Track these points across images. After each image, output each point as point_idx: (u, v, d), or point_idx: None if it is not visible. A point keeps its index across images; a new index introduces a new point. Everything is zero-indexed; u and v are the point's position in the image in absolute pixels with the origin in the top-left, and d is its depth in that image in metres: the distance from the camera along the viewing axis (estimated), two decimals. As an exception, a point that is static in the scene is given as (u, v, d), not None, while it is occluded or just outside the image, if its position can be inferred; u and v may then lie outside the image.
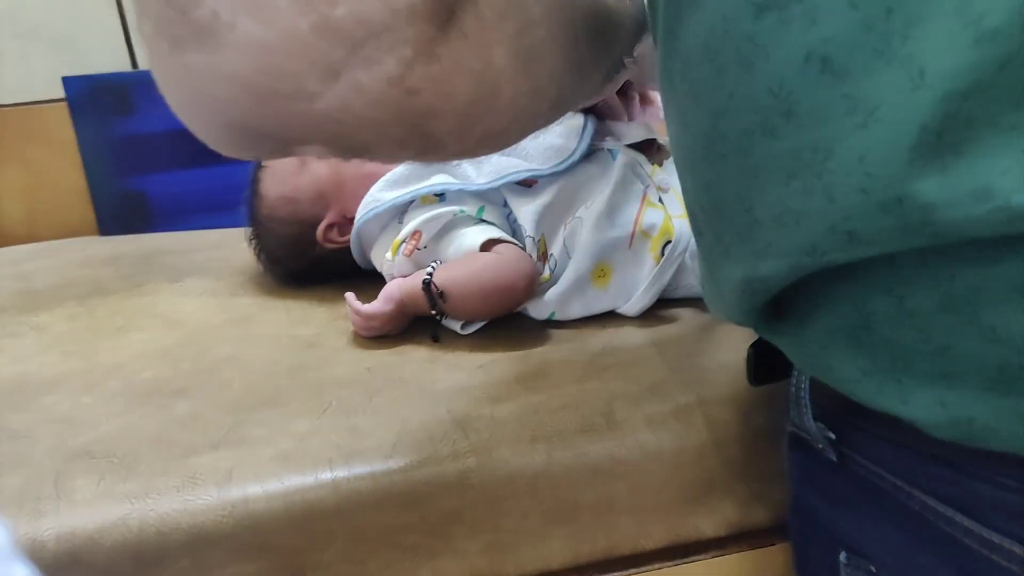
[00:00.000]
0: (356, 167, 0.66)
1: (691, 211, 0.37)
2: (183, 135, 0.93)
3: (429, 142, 0.30)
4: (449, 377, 0.54)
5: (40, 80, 0.88)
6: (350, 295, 0.60)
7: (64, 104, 0.88)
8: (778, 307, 0.36)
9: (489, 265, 0.57)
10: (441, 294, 0.57)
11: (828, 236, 0.28)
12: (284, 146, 0.29)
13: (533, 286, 0.57)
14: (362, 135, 0.28)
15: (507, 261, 0.57)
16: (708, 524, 0.50)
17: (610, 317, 0.61)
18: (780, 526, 0.50)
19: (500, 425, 0.48)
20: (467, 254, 0.58)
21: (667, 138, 0.65)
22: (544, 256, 0.61)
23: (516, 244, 0.59)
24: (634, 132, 0.66)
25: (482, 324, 0.59)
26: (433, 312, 0.58)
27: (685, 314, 0.60)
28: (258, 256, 0.72)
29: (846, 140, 0.26)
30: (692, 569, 0.50)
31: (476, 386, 0.53)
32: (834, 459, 0.39)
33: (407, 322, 0.60)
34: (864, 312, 0.31)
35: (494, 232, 0.59)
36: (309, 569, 0.45)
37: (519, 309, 0.61)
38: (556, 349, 0.57)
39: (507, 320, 0.60)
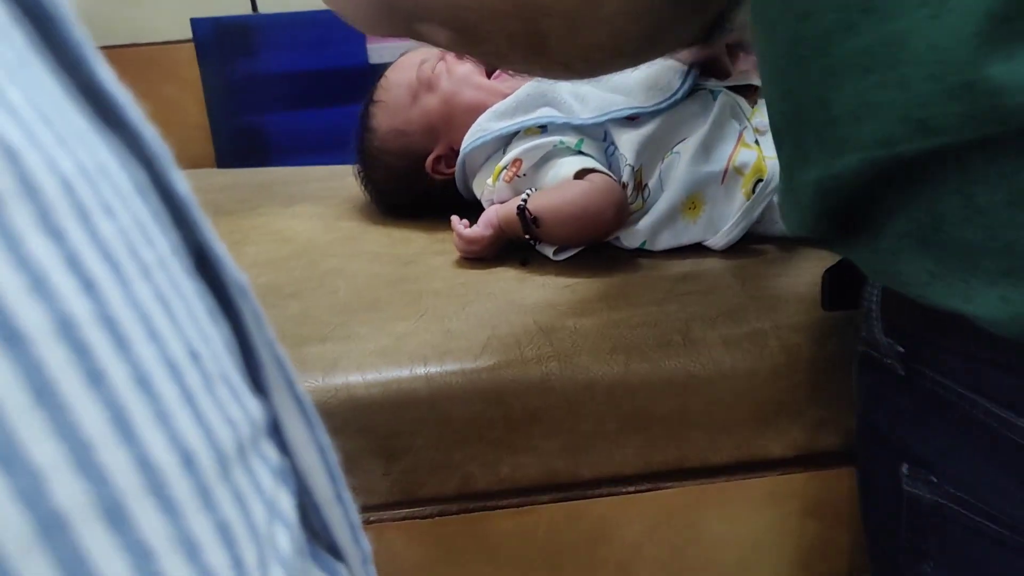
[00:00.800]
0: (465, 99, 0.69)
1: (774, 125, 0.39)
2: (300, 76, 0.99)
3: (536, 41, 0.33)
4: (536, 294, 0.58)
5: (171, 22, 0.95)
6: (455, 218, 0.64)
7: (191, 45, 0.95)
8: (851, 218, 0.38)
9: (580, 192, 0.60)
10: (535, 219, 0.60)
11: (901, 126, 0.30)
12: (410, 20, 0.32)
13: (622, 214, 0.60)
14: (481, 21, 0.31)
15: (598, 189, 0.60)
16: (776, 444, 0.52)
17: (695, 249, 0.63)
18: (845, 451, 0.52)
19: (582, 336, 0.52)
20: (561, 182, 0.61)
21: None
22: (639, 186, 0.64)
23: (609, 175, 0.62)
24: (735, 77, 0.68)
25: (574, 252, 0.62)
26: (527, 237, 0.61)
27: (768, 248, 0.62)
28: (365, 188, 0.76)
29: (919, 31, 0.28)
30: (758, 484, 0.52)
31: (562, 302, 0.56)
32: (902, 374, 0.41)
33: (503, 246, 0.64)
34: (934, 214, 0.33)
35: (589, 162, 0.62)
36: (401, 452, 0.50)
37: (612, 239, 0.64)
38: (639, 275, 0.60)
39: (597, 249, 0.63)
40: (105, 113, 0.17)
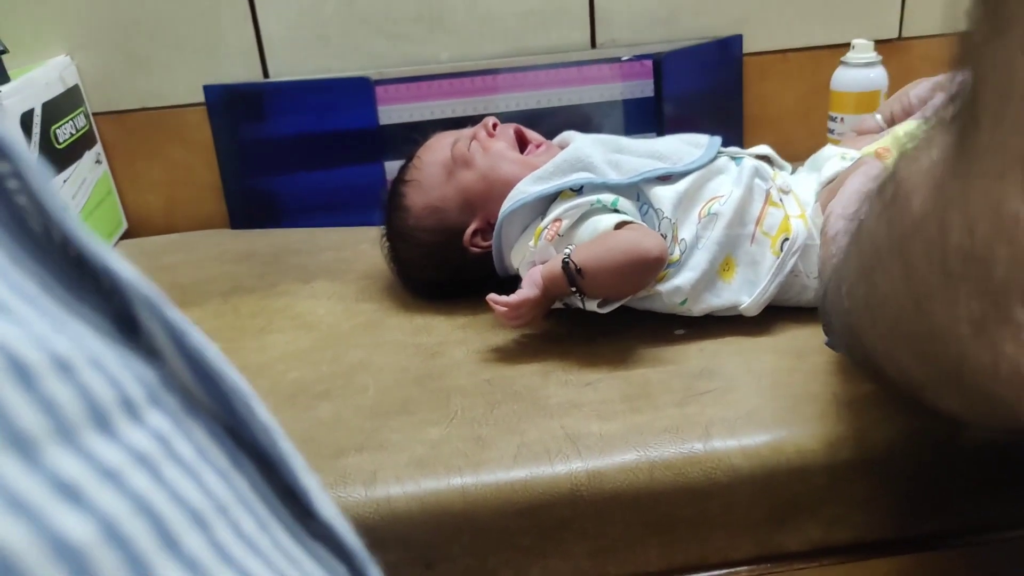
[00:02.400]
0: (503, 173, 0.72)
1: None
2: (309, 139, 1.01)
3: None
4: (560, 393, 0.60)
5: (182, 87, 0.96)
6: (492, 295, 0.66)
7: (203, 108, 0.96)
8: None
9: (622, 240, 0.63)
10: (579, 270, 0.63)
11: None
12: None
13: (663, 258, 0.63)
14: None
15: (639, 235, 0.64)
16: (792, 540, 0.55)
17: (709, 338, 0.66)
18: (858, 546, 0.55)
19: (607, 443, 0.54)
20: (602, 234, 0.64)
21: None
22: (675, 239, 0.67)
23: (646, 226, 0.66)
24: (754, 148, 0.75)
25: (618, 304, 0.65)
26: (573, 290, 0.64)
27: (781, 343, 0.65)
28: (394, 266, 0.78)
29: None
30: (778, 568, 0.55)
31: (585, 403, 0.59)
32: None
33: (548, 308, 0.67)
34: None
35: (626, 217, 0.66)
36: (438, 560, 0.52)
37: (651, 301, 0.66)
38: (658, 371, 0.62)
39: (613, 336, 0.66)
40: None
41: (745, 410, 0.56)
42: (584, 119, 0.99)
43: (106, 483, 0.13)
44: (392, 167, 0.94)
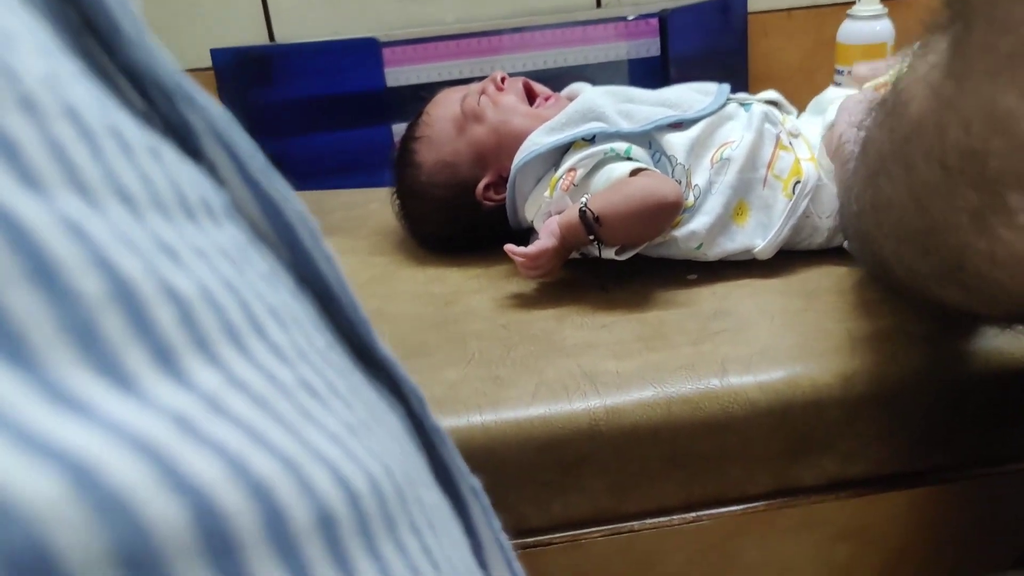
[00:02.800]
0: (515, 126, 0.72)
1: None
2: (317, 102, 1.01)
3: None
4: (577, 335, 0.61)
5: (190, 51, 0.97)
6: (509, 245, 0.66)
7: (211, 73, 0.97)
8: None
9: (638, 186, 0.64)
10: (596, 218, 0.63)
11: None
12: None
13: (680, 202, 0.64)
14: None
15: (654, 180, 0.64)
16: (808, 474, 0.56)
17: (721, 282, 0.66)
18: (872, 479, 0.56)
19: (625, 380, 0.55)
20: (616, 181, 0.65)
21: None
22: (689, 185, 0.67)
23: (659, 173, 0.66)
24: (762, 93, 0.75)
25: (636, 251, 0.65)
26: (591, 238, 0.64)
27: (793, 284, 0.65)
28: (405, 223, 0.78)
29: None
30: (792, 513, 0.56)
31: (601, 344, 0.59)
32: None
33: (566, 258, 0.67)
34: None
35: (640, 165, 0.66)
36: (460, 497, 0.53)
37: (667, 246, 0.67)
38: (671, 313, 0.63)
39: (627, 281, 0.67)
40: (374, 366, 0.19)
41: (760, 347, 0.57)
42: (590, 79, 0.99)
43: (199, 259, 0.14)
44: (399, 129, 0.94)
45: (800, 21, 1.04)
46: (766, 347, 0.57)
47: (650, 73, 1.00)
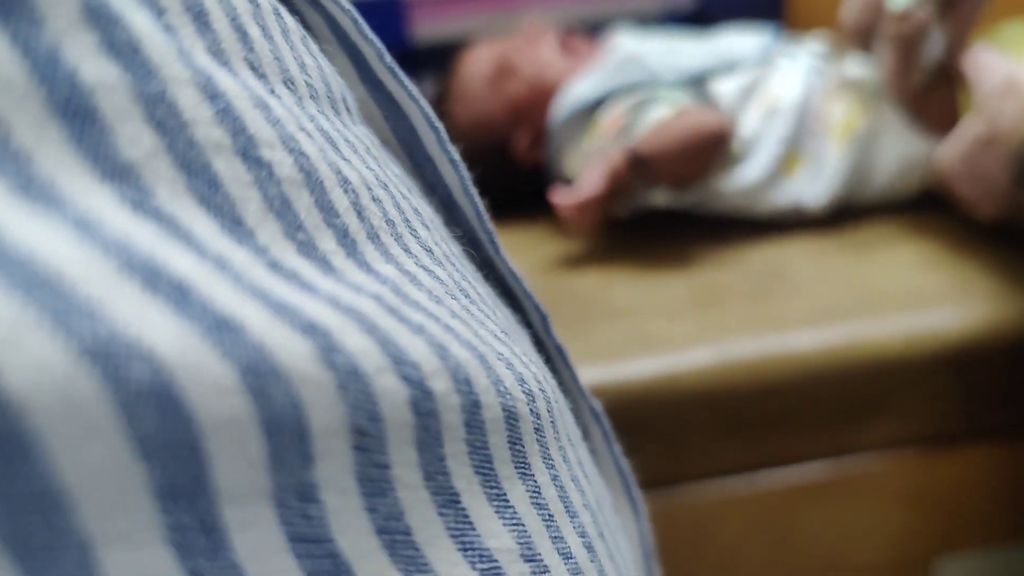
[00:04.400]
0: (552, 80, 0.69)
1: None
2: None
3: None
4: (625, 296, 0.59)
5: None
6: (557, 194, 0.63)
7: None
8: None
9: (684, 120, 0.62)
10: (642, 158, 0.61)
11: None
12: None
13: (727, 132, 0.62)
14: None
15: (700, 113, 0.62)
16: (866, 437, 0.54)
17: (774, 240, 0.64)
18: (933, 438, 0.54)
19: (679, 342, 0.53)
20: (661, 121, 0.62)
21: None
22: (736, 135, 0.65)
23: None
24: (810, 41, 0.72)
25: (687, 197, 0.63)
26: (641, 179, 0.62)
27: (848, 240, 0.63)
28: None
29: None
30: (849, 475, 0.55)
31: (652, 305, 0.57)
32: None
33: (611, 209, 0.64)
34: None
35: (686, 103, 0.64)
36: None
37: (718, 195, 0.65)
38: (724, 272, 0.61)
39: (674, 241, 0.64)
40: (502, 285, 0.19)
41: (817, 306, 0.55)
42: (624, 27, 0.96)
43: (353, 152, 0.14)
44: (428, 89, 0.92)
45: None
46: (824, 306, 0.55)
47: (685, 20, 0.97)
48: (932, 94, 0.63)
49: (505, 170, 0.72)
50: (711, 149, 0.62)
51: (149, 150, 0.09)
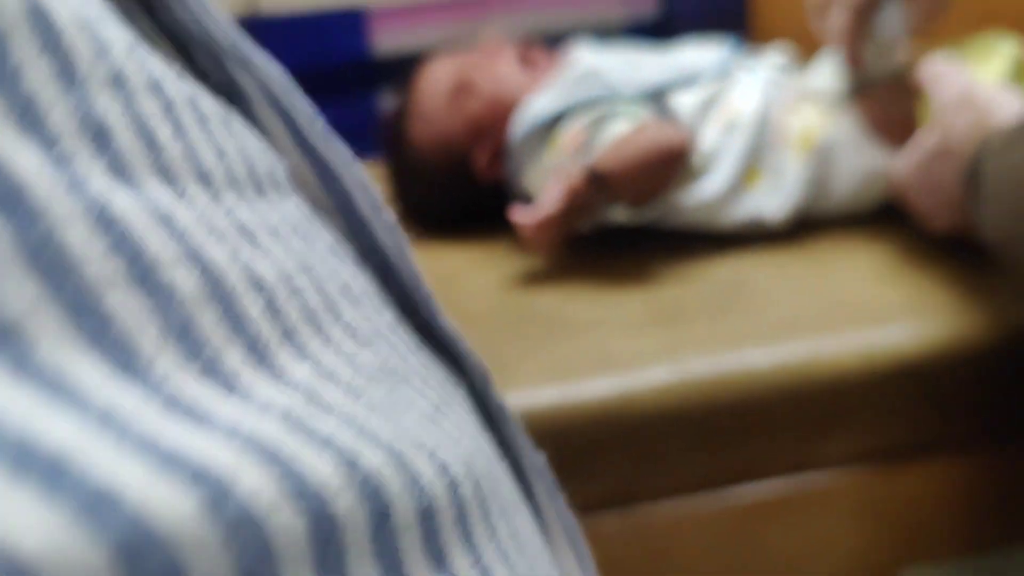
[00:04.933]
0: (511, 96, 0.68)
1: None
2: (299, 76, 0.97)
3: None
4: (586, 312, 0.58)
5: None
6: (516, 213, 0.62)
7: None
8: None
9: (643, 135, 0.62)
10: (602, 175, 0.61)
11: None
12: None
13: (686, 146, 0.62)
14: None
15: (659, 128, 0.62)
16: (827, 452, 0.54)
17: (736, 252, 0.64)
18: (892, 451, 0.55)
19: (639, 359, 0.53)
20: (620, 136, 0.62)
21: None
22: (696, 149, 0.65)
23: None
24: (769, 53, 0.72)
25: (647, 213, 0.63)
26: (600, 196, 0.62)
27: (808, 253, 0.63)
28: (402, 203, 0.75)
29: None
30: (811, 490, 0.55)
31: (613, 322, 0.57)
32: None
33: (572, 226, 0.63)
34: None
35: (646, 117, 0.63)
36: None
37: (678, 208, 0.64)
38: (685, 287, 0.60)
39: (636, 256, 0.64)
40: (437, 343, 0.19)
41: (777, 322, 0.55)
42: (586, 38, 0.96)
43: (274, 239, 0.13)
44: (388, 101, 0.91)
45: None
46: (784, 321, 0.55)
47: (648, 31, 0.97)
48: (890, 105, 0.63)
49: (465, 186, 0.71)
50: (670, 165, 0.62)
51: (32, 301, 0.09)
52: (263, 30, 0.92)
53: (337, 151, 0.17)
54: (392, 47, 0.93)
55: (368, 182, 0.17)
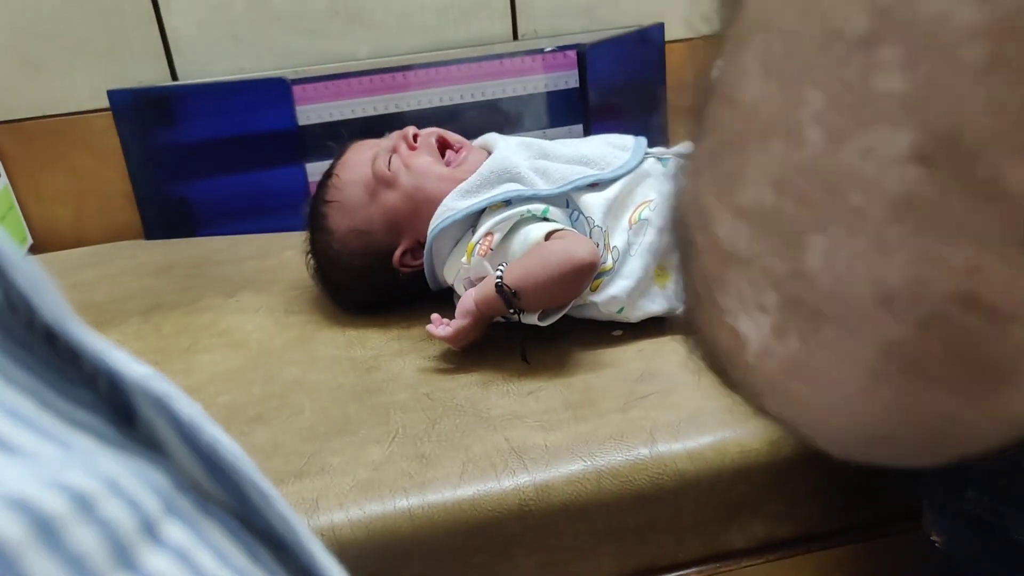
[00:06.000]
0: (429, 192, 0.69)
1: None
2: (221, 144, 0.97)
3: None
4: (502, 404, 0.59)
5: (85, 91, 0.91)
6: (430, 327, 0.65)
7: (109, 114, 0.92)
8: None
9: (554, 250, 0.63)
10: (514, 293, 0.62)
11: None
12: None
13: (595, 262, 0.63)
14: None
15: (569, 242, 0.63)
16: (738, 538, 0.56)
17: (647, 338, 0.66)
18: (800, 539, 0.56)
19: (553, 455, 0.54)
20: (532, 246, 0.63)
21: None
22: (607, 247, 0.66)
23: (577, 233, 0.65)
24: (679, 146, 0.74)
25: (559, 316, 0.64)
26: (511, 311, 0.63)
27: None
28: (323, 287, 0.75)
29: None
30: (726, 568, 0.56)
31: (528, 414, 0.58)
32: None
33: (486, 326, 0.65)
34: None
35: (556, 225, 0.65)
36: (388, 586, 0.51)
37: (589, 309, 0.66)
38: (598, 376, 0.62)
39: (551, 342, 0.65)
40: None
41: (688, 412, 0.56)
42: (508, 113, 0.98)
43: None
44: (313, 168, 0.91)
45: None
46: (694, 412, 0.56)
47: (569, 105, 0.99)
48: None
49: (384, 274, 0.72)
50: (579, 280, 0.63)
51: None
52: (184, 97, 0.92)
53: (226, 451, 0.17)
54: (316, 117, 0.93)
55: (260, 479, 0.18)
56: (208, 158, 0.93)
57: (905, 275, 0.16)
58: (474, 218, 0.68)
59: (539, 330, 0.65)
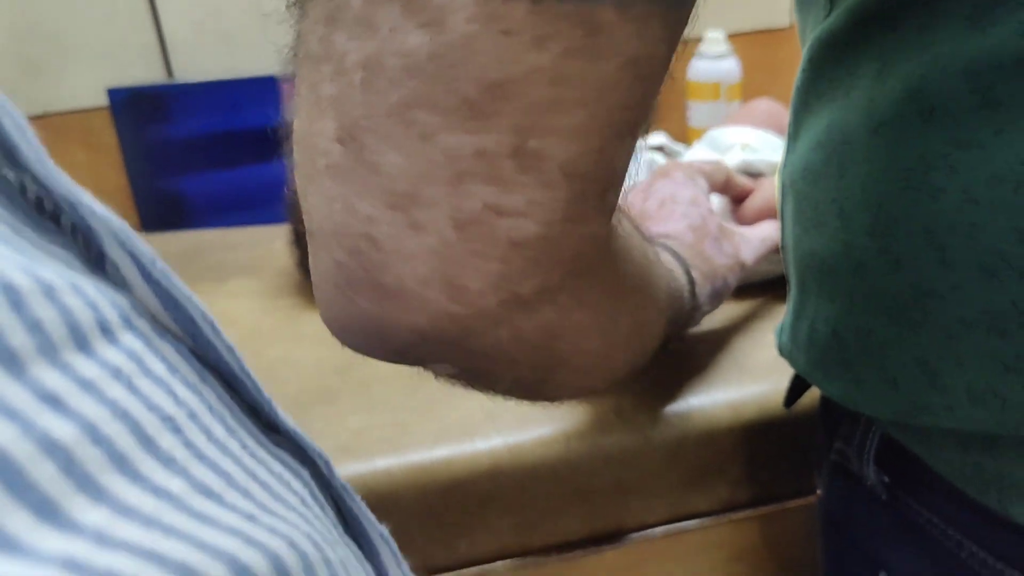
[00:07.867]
0: None
1: None
2: (215, 140, 1.00)
3: (541, 387, 0.34)
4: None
5: (84, 90, 0.95)
6: None
7: (107, 112, 0.95)
8: None
9: None
10: None
11: None
12: (420, 362, 0.32)
13: None
14: (496, 369, 0.30)
15: None
16: (703, 501, 0.58)
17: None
18: (760, 501, 0.59)
19: (525, 419, 0.56)
20: None
21: None
22: None
23: None
24: (647, 138, 0.75)
25: None
26: None
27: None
28: (308, 275, 0.77)
29: None
30: (689, 538, 0.59)
31: (503, 384, 0.61)
32: (883, 497, 0.42)
33: None
34: None
35: None
36: (367, 543, 0.54)
37: None
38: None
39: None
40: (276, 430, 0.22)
41: (652, 381, 0.59)
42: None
43: (86, 393, 0.15)
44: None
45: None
46: (658, 380, 0.59)
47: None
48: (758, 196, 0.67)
49: None
50: None
51: None
52: (180, 96, 0.95)
53: (178, 284, 0.20)
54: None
55: (207, 312, 0.20)
56: (202, 154, 0.96)
57: (339, 217, 0.25)
58: None
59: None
